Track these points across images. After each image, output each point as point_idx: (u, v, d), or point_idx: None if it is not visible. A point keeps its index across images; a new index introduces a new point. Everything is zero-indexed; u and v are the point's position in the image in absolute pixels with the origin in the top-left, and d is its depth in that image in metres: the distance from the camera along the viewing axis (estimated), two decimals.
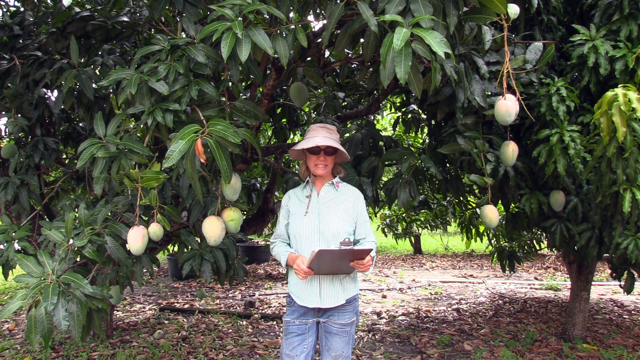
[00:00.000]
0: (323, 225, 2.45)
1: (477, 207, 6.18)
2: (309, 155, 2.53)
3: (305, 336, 2.49)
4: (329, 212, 2.48)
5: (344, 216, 2.49)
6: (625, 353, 4.18)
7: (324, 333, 2.52)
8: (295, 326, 2.50)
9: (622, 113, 2.50)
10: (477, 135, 3.08)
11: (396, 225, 9.75)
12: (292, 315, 2.52)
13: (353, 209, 2.53)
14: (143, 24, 3.44)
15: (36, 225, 3.74)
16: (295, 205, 2.56)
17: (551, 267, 9.29)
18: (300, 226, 2.49)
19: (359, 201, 2.56)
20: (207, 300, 6.46)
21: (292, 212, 2.56)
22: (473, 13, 2.54)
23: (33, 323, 2.18)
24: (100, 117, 2.64)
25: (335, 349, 2.49)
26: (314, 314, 2.51)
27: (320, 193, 2.53)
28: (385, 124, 8.73)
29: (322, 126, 2.55)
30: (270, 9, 2.29)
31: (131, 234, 2.56)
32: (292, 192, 2.64)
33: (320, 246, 2.43)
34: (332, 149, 2.49)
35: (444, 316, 5.68)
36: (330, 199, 2.52)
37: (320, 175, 2.53)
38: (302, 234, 2.47)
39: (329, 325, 2.50)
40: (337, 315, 2.49)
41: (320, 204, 2.50)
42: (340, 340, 2.50)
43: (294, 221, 2.53)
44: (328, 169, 2.52)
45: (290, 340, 2.49)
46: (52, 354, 4.28)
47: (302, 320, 2.50)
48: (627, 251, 3.22)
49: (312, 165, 2.52)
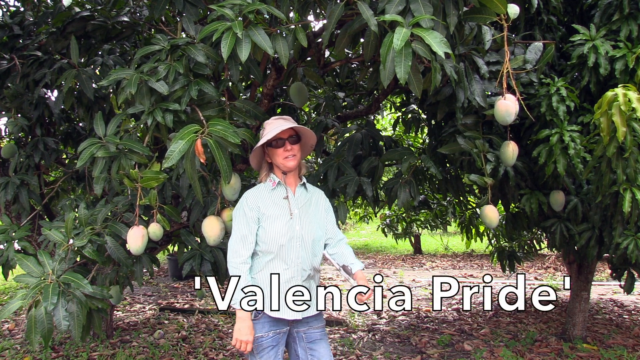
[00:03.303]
0: (304, 230, 2.28)
1: (477, 207, 6.19)
2: (273, 151, 2.29)
3: (278, 347, 2.29)
4: (306, 216, 2.32)
5: (319, 221, 2.37)
6: (625, 353, 4.18)
7: (306, 344, 2.32)
8: (269, 339, 2.25)
9: (622, 113, 2.50)
10: (477, 135, 3.08)
11: (396, 225, 9.75)
12: (264, 329, 2.24)
13: (324, 213, 2.42)
14: (143, 24, 3.44)
15: (36, 225, 3.74)
16: (269, 208, 2.27)
17: (551, 267, 9.29)
18: (283, 231, 2.24)
19: (326, 202, 2.45)
20: (207, 300, 6.46)
21: (268, 215, 2.25)
22: (473, 13, 2.54)
23: (33, 323, 2.18)
24: (100, 117, 2.64)
25: (325, 356, 2.33)
26: (287, 323, 2.30)
27: (295, 194, 2.34)
28: (385, 124, 8.73)
29: (276, 118, 2.36)
30: (270, 9, 2.29)
31: (131, 234, 2.55)
32: (257, 192, 2.32)
33: (300, 252, 2.26)
34: (295, 136, 2.31)
35: (444, 316, 5.68)
36: (305, 202, 2.35)
37: (291, 168, 2.29)
38: (285, 239, 2.24)
39: (311, 333, 2.33)
40: (316, 319, 2.36)
41: (298, 208, 2.31)
42: (326, 344, 2.36)
43: (273, 226, 2.25)
44: (298, 160, 2.30)
45: (267, 356, 2.25)
46: (52, 354, 4.28)
47: (276, 330, 2.27)
48: (627, 251, 3.22)
49: (280, 161, 2.27)
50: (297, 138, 2.33)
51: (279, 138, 2.26)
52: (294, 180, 2.37)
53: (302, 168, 2.40)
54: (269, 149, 2.31)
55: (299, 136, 2.34)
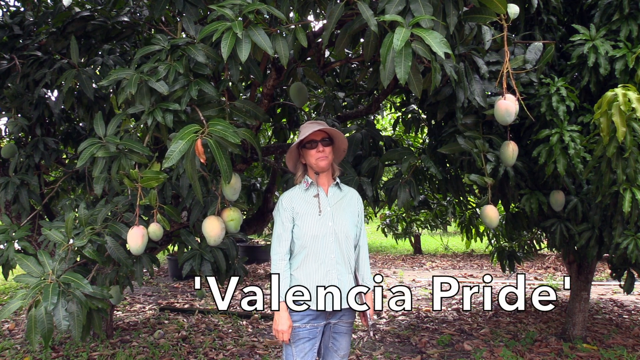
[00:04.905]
0: (337, 226, 2.40)
1: (477, 207, 6.19)
2: (307, 152, 2.44)
3: (315, 340, 2.41)
4: (339, 214, 2.44)
5: (352, 218, 2.48)
6: (625, 353, 4.18)
7: (331, 334, 2.47)
8: (306, 331, 2.39)
9: (622, 113, 2.50)
10: (478, 135, 3.08)
11: (396, 225, 9.76)
12: (303, 320, 2.38)
13: (357, 212, 2.53)
14: (143, 24, 3.44)
15: (36, 225, 3.74)
16: (302, 206, 2.42)
17: (551, 267, 9.29)
18: (315, 227, 2.38)
19: (360, 203, 2.57)
20: (207, 300, 6.47)
21: (301, 214, 2.41)
22: (473, 13, 2.54)
23: (33, 323, 2.18)
24: (100, 117, 2.64)
25: (343, 348, 2.50)
26: (325, 317, 2.43)
27: (328, 194, 2.47)
28: (385, 124, 8.73)
29: (311, 122, 2.48)
30: (270, 9, 2.29)
31: (131, 234, 2.55)
32: (292, 193, 2.49)
33: (335, 249, 2.38)
34: (328, 139, 2.44)
35: (444, 316, 5.68)
36: (338, 200, 2.48)
37: (323, 168, 2.42)
38: (318, 235, 2.37)
39: (340, 326, 2.47)
40: (348, 314, 2.48)
41: (330, 205, 2.44)
42: (349, 338, 2.52)
43: (306, 222, 2.39)
44: (329, 161, 2.44)
45: (302, 347, 2.39)
46: (52, 354, 4.28)
47: (314, 324, 2.40)
48: (627, 251, 3.22)
49: (313, 161, 2.42)
50: (330, 141, 2.46)
51: (312, 140, 2.42)
52: (327, 181, 2.50)
53: (335, 170, 2.53)
54: (303, 150, 2.47)
55: (331, 139, 2.47)
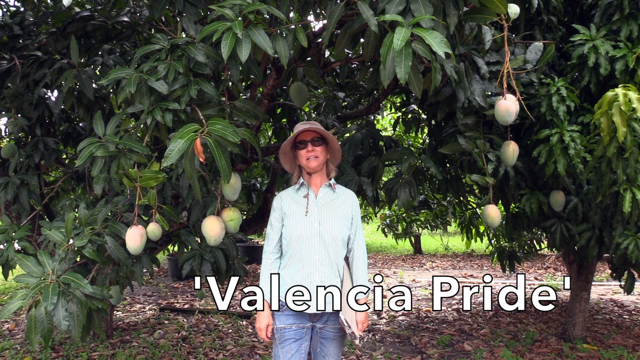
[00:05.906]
0: (323, 228, 2.36)
1: (477, 207, 6.19)
2: (298, 153, 2.43)
3: (302, 341, 2.38)
4: (328, 215, 2.39)
5: (342, 220, 2.41)
6: (625, 353, 4.18)
7: (319, 340, 2.43)
8: (292, 332, 2.37)
9: (623, 113, 2.50)
10: (478, 135, 3.08)
11: (396, 225, 9.76)
12: (288, 321, 2.37)
13: (351, 214, 2.45)
14: (143, 24, 3.44)
15: (36, 225, 3.74)
16: (290, 206, 2.42)
17: (551, 267, 9.29)
18: (300, 228, 2.36)
19: (355, 205, 2.50)
20: (207, 300, 6.47)
21: (288, 214, 2.40)
22: (473, 13, 2.54)
23: (33, 323, 2.18)
24: (99, 117, 2.64)
25: (332, 355, 2.44)
26: (310, 318, 2.40)
27: (318, 195, 2.43)
28: (385, 124, 8.73)
29: (302, 123, 2.46)
30: (270, 9, 2.29)
31: (129, 234, 2.55)
32: (284, 193, 2.49)
33: (320, 250, 2.33)
34: (318, 138, 2.40)
35: (444, 316, 5.68)
36: (328, 201, 2.43)
37: (314, 168, 2.40)
38: (302, 236, 2.35)
39: (327, 331, 2.42)
40: (334, 319, 2.40)
41: (319, 206, 2.40)
42: (337, 344, 2.45)
43: (292, 223, 2.38)
44: (320, 161, 2.40)
45: (289, 347, 2.36)
46: (52, 354, 4.27)
47: (299, 324, 2.38)
48: (627, 251, 3.22)
49: (303, 162, 2.40)
50: (322, 141, 2.43)
51: (302, 140, 2.40)
52: (319, 181, 2.47)
53: (331, 171, 2.51)
54: (295, 151, 2.46)
55: (323, 139, 2.44)
